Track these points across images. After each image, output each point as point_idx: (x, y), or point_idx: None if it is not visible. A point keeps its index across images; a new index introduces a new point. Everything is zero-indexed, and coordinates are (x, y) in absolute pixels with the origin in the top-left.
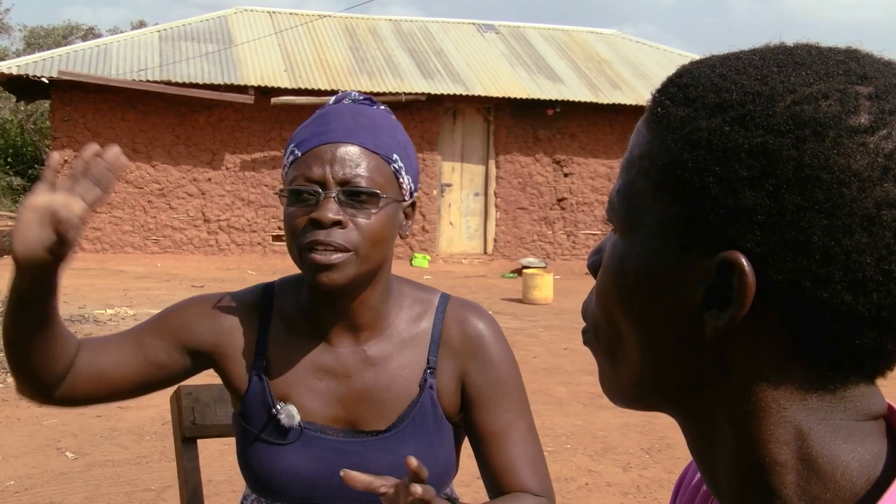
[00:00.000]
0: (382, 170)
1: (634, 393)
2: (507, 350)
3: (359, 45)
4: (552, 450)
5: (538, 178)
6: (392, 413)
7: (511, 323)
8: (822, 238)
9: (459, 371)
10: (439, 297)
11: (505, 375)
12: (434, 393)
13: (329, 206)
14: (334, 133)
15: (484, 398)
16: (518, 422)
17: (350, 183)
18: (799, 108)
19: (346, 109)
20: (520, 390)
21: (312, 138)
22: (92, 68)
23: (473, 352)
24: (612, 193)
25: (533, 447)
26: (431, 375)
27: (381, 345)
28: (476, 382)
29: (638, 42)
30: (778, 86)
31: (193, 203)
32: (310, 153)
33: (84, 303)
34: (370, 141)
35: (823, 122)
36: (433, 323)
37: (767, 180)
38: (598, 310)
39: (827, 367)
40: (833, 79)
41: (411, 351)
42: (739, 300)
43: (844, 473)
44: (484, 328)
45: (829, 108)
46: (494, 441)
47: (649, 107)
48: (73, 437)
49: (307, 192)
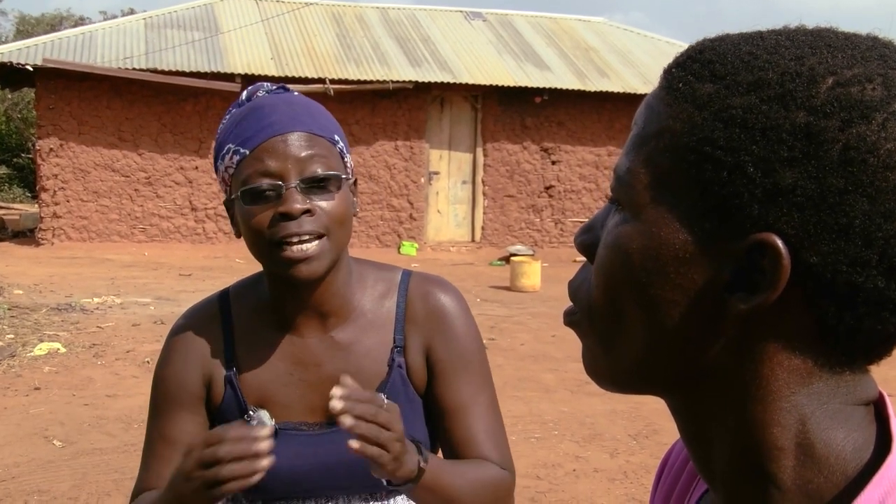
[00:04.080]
0: (331, 151)
1: (631, 377)
2: (470, 323)
3: (346, 33)
4: (540, 436)
5: (526, 166)
6: None
7: (499, 310)
8: (863, 222)
9: (425, 345)
10: (401, 274)
11: (468, 349)
12: (403, 371)
13: (294, 196)
14: (279, 124)
15: (447, 371)
16: (480, 395)
17: (308, 170)
18: (843, 91)
19: (276, 100)
20: (483, 364)
21: (258, 133)
22: (77, 56)
23: (437, 325)
24: (622, 171)
25: (494, 420)
26: (399, 354)
27: (348, 329)
28: (440, 356)
29: (625, 30)
30: (817, 66)
31: (181, 191)
32: (259, 148)
33: (71, 291)
34: (314, 125)
35: (870, 105)
36: (397, 301)
37: (810, 161)
38: (598, 291)
39: (840, 352)
40: (871, 63)
41: (377, 331)
42: (773, 283)
43: (838, 458)
44: (448, 301)
45: (875, 91)
46: (456, 414)
47: (665, 83)
48: (60, 425)
49: (268, 189)
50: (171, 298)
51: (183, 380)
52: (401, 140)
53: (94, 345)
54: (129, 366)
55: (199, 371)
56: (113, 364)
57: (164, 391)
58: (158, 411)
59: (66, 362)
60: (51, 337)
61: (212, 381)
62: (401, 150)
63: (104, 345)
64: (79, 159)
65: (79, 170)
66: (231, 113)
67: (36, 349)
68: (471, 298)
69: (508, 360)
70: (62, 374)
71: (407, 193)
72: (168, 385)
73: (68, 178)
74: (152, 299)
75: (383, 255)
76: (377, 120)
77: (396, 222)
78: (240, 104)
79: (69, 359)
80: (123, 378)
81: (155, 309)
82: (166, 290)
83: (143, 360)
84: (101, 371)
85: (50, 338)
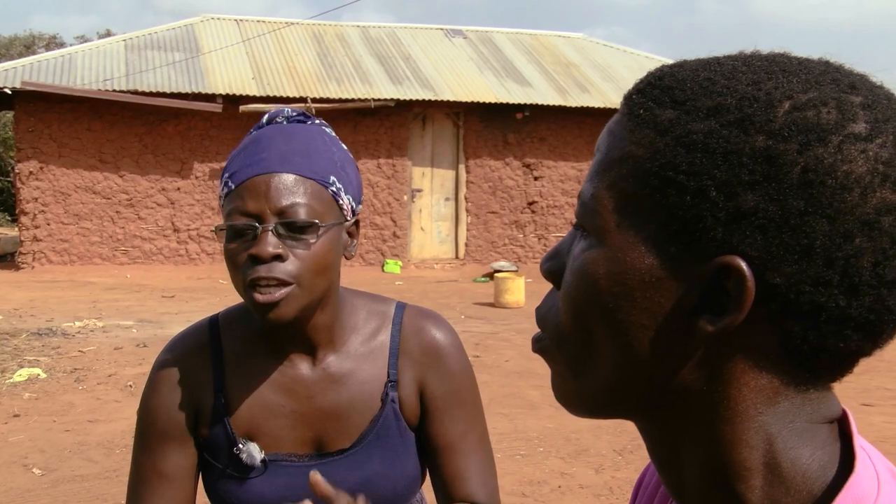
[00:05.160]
0: (320, 195)
1: (602, 401)
2: (464, 359)
3: (327, 52)
4: (525, 453)
5: (508, 182)
6: (356, 430)
7: (483, 327)
8: (824, 242)
9: (418, 380)
10: (395, 307)
11: (461, 386)
12: (396, 406)
13: (267, 239)
14: (267, 163)
15: (440, 408)
16: (471, 433)
17: (287, 214)
18: (800, 115)
19: (279, 133)
20: (475, 400)
21: (245, 169)
22: (56, 78)
23: (431, 361)
24: (585, 197)
25: (484, 458)
26: (393, 388)
27: (341, 361)
28: (433, 393)
29: (605, 45)
30: (774, 91)
31: (163, 213)
32: (243, 186)
33: (52, 315)
34: (305, 166)
35: (826, 128)
36: (391, 335)
37: (771, 184)
38: (565, 317)
39: (804, 370)
40: (824, 87)
41: (371, 365)
42: (738, 305)
43: (805, 477)
44: (442, 337)
45: (830, 115)
46: (447, 451)
47: (626, 109)
48: (40, 452)
49: (245, 228)
50: (153, 321)
51: (173, 411)
52: (383, 158)
53: (76, 369)
54: (112, 390)
55: (188, 401)
56: (95, 388)
57: (154, 423)
58: (149, 444)
59: (47, 388)
60: (31, 362)
61: (200, 411)
62: (383, 168)
63: (86, 369)
64: (59, 182)
65: (59, 192)
66: (247, 136)
67: (16, 375)
68: (455, 315)
69: (493, 376)
70: (42, 400)
71: (390, 211)
72: (157, 417)
73: (48, 200)
74: (135, 322)
75: (367, 274)
76: (359, 138)
77: (380, 240)
78: (256, 128)
79: (50, 384)
80: (105, 402)
81: (137, 332)
82: (149, 312)
83: (126, 384)
84: (83, 396)
85: (30, 363)
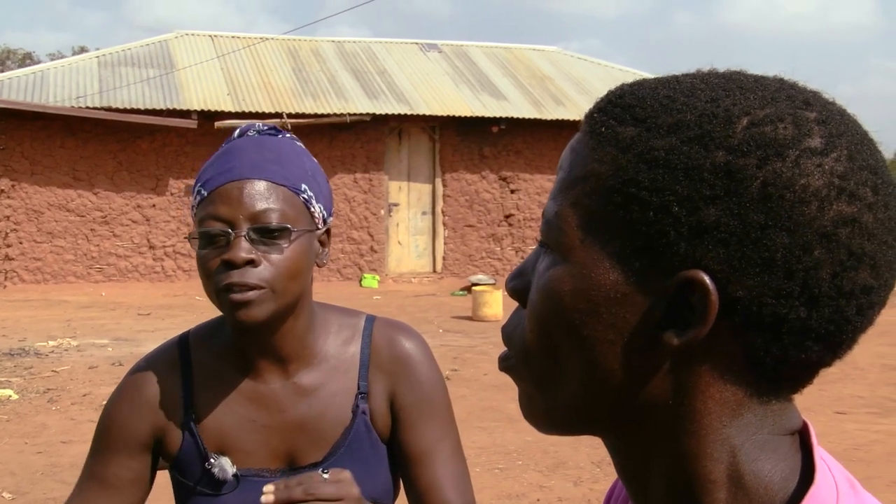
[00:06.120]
0: (292, 202)
1: (569, 418)
2: (434, 369)
3: (302, 67)
4: (503, 467)
5: (485, 195)
6: (327, 442)
7: (461, 340)
8: (784, 255)
9: (389, 391)
10: (364, 319)
11: (432, 395)
12: (367, 417)
13: (240, 245)
14: (239, 170)
15: (412, 418)
16: (444, 441)
17: (259, 219)
18: (758, 130)
19: (250, 143)
20: (447, 409)
21: (218, 177)
22: (29, 95)
23: (401, 371)
24: (549, 215)
25: (458, 467)
26: (363, 400)
27: (312, 374)
28: (404, 402)
29: (579, 58)
30: (732, 107)
31: (138, 230)
32: (216, 192)
33: (24, 335)
34: (277, 174)
35: (783, 143)
36: (361, 347)
37: (731, 198)
38: (531, 335)
39: (767, 382)
40: (780, 103)
41: (341, 377)
42: (702, 318)
43: (767, 489)
44: (412, 347)
45: (786, 130)
46: (420, 460)
47: (588, 127)
48: (10, 475)
49: (218, 234)
50: (129, 339)
51: (127, 424)
52: (359, 172)
53: (49, 389)
54: (86, 410)
55: (148, 419)
56: (69, 409)
57: (106, 431)
58: (97, 450)
59: (19, 409)
60: (2, 384)
61: (166, 430)
62: (360, 183)
63: (59, 389)
64: (32, 200)
65: (32, 211)
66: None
67: None
68: (433, 329)
69: (472, 390)
70: (14, 421)
71: (367, 226)
72: (111, 426)
73: (21, 219)
74: (110, 340)
75: (345, 289)
76: (335, 153)
77: (357, 255)
78: (227, 142)
79: (22, 405)
80: (79, 423)
81: (113, 350)
82: (125, 330)
83: (101, 404)
84: (56, 417)
85: (1, 385)
